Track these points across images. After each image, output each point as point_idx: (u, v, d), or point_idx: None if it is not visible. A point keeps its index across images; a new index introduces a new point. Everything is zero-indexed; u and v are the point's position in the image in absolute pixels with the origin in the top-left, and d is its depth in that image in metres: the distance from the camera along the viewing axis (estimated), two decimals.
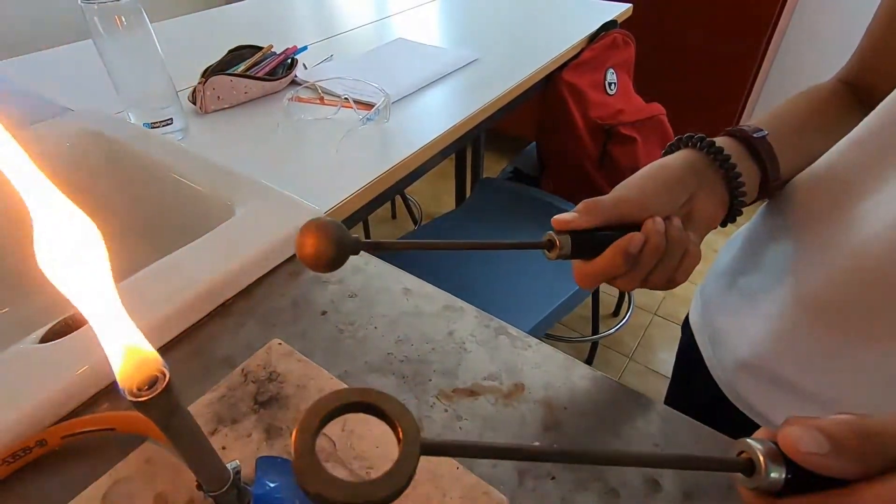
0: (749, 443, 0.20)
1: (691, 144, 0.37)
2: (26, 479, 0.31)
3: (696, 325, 0.51)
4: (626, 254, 0.32)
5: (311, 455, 0.15)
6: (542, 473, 0.32)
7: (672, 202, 0.35)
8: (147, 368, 0.18)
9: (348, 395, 0.17)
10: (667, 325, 1.58)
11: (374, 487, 0.15)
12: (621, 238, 0.32)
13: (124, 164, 0.59)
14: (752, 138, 0.37)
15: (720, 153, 0.36)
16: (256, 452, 0.32)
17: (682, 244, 0.33)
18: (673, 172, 0.35)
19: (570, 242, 0.32)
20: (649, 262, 0.33)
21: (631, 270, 0.33)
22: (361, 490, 0.15)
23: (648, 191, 0.35)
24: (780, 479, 0.19)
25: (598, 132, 1.22)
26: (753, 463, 0.19)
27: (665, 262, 0.33)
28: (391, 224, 2.00)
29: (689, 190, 0.35)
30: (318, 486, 0.14)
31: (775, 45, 1.75)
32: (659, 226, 0.32)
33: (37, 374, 0.34)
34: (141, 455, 0.31)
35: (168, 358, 0.38)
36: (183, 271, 0.42)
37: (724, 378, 0.46)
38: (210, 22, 1.16)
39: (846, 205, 0.35)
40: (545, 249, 0.32)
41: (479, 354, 0.39)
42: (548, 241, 0.32)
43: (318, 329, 0.41)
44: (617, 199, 0.34)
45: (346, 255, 0.27)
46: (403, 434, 0.16)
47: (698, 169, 0.36)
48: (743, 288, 0.44)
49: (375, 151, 0.69)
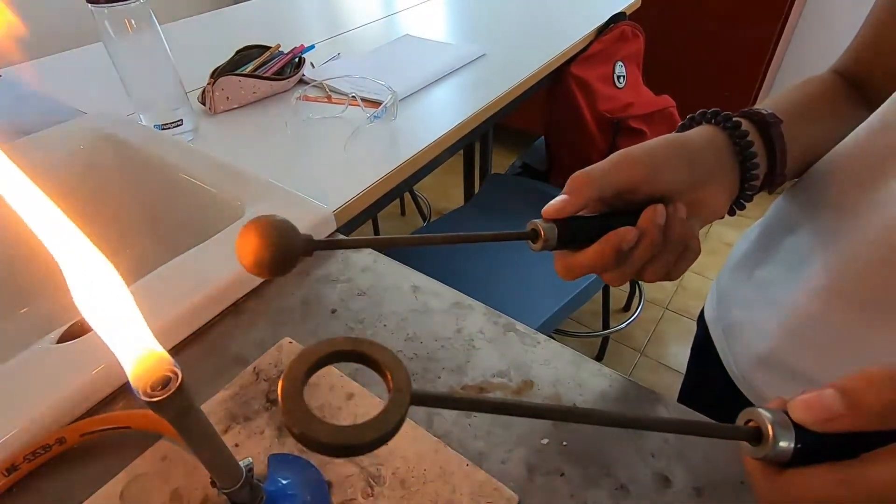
0: (757, 411, 0.19)
1: (715, 121, 0.33)
2: (46, 476, 0.32)
3: (711, 319, 0.51)
4: (617, 249, 0.28)
5: (299, 398, 0.15)
6: (552, 470, 0.32)
7: (687, 178, 0.30)
8: (159, 369, 0.19)
9: (340, 344, 0.16)
10: (678, 319, 1.57)
11: (361, 431, 0.15)
12: (613, 231, 0.28)
13: (136, 165, 0.60)
14: (770, 124, 0.33)
15: (744, 137, 0.32)
16: (269, 449, 0.32)
17: (682, 240, 0.30)
18: (694, 146, 0.31)
19: (556, 232, 0.28)
20: (642, 259, 0.29)
21: (621, 265, 0.30)
22: (347, 432, 0.15)
23: (663, 156, 0.30)
24: (789, 449, 0.18)
25: (607, 126, 1.21)
26: (761, 431, 0.19)
27: (661, 258, 0.30)
28: (400, 220, 2.01)
29: (707, 171, 0.31)
30: (303, 427, 0.14)
31: (788, 32, 1.72)
32: (659, 217, 0.28)
33: (55, 374, 0.35)
34: (156, 452, 0.32)
35: (181, 357, 0.39)
36: (195, 271, 0.42)
37: (739, 373, 0.45)
38: (218, 22, 1.17)
39: (869, 190, 0.33)
40: (529, 240, 0.29)
41: (488, 351, 0.39)
42: (531, 231, 0.29)
43: (328, 327, 0.41)
44: (619, 161, 0.29)
45: (294, 257, 0.23)
46: (394, 382, 0.16)
47: (718, 149, 0.32)
48: (759, 280, 0.44)
49: (384, 149, 0.70)
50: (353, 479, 0.31)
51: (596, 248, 0.29)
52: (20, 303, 0.58)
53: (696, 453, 0.32)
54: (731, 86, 1.76)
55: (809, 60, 1.82)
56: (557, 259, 0.31)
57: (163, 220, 0.62)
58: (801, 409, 0.18)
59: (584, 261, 0.29)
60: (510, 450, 0.33)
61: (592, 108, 1.20)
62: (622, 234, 0.28)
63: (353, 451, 0.15)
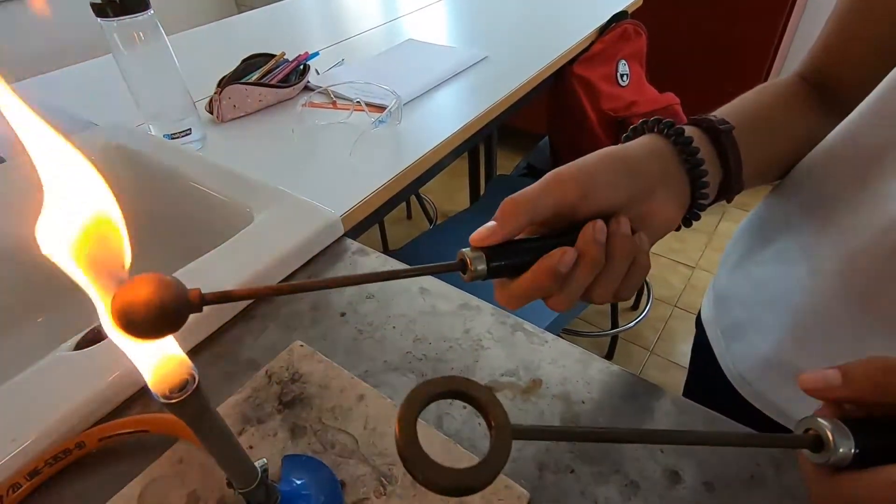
0: (816, 420, 0.21)
1: (657, 130, 0.32)
2: (67, 480, 0.33)
3: (708, 320, 0.50)
4: (553, 273, 0.26)
5: (416, 444, 0.16)
6: (562, 467, 0.32)
7: (627, 191, 0.29)
8: (178, 372, 0.19)
9: (440, 384, 0.18)
10: (688, 316, 1.56)
11: (477, 473, 0.16)
12: (549, 254, 0.26)
13: (147, 175, 0.61)
14: (720, 130, 0.32)
15: (688, 144, 0.31)
16: (282, 451, 0.33)
17: (628, 254, 0.28)
18: (633, 157, 0.30)
19: (485, 260, 0.26)
20: (585, 280, 0.27)
21: (563, 289, 0.28)
22: (465, 476, 0.16)
23: (597, 171, 0.28)
24: (849, 454, 0.20)
25: (611, 125, 1.21)
26: (821, 439, 0.20)
27: (606, 276, 0.28)
28: (406, 224, 2.02)
29: (650, 182, 0.29)
30: (426, 473, 0.16)
31: (791, 28, 1.71)
32: (599, 234, 0.27)
33: (73, 380, 0.35)
34: (174, 455, 0.32)
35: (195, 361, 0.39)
36: (206, 278, 0.43)
37: (738, 374, 0.45)
38: (223, 32, 1.18)
39: (870, 184, 0.33)
40: (459, 271, 0.26)
41: (496, 351, 0.40)
42: (460, 262, 0.26)
43: (338, 330, 0.42)
44: (549, 183, 0.27)
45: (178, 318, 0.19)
46: (495, 421, 0.17)
47: (662, 159, 0.31)
48: (758, 280, 0.43)
49: (389, 153, 0.70)
50: (365, 478, 0.31)
51: (532, 274, 0.27)
52: (36, 311, 0.59)
53: (705, 449, 0.33)
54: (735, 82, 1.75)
55: None
56: (497, 288, 0.29)
57: (173, 228, 0.63)
58: (806, 380, 0.21)
59: (520, 289, 0.27)
60: (520, 448, 0.33)
61: (596, 108, 1.20)
62: (559, 255, 0.26)
63: (472, 492, 0.16)
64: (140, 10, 0.61)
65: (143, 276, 0.18)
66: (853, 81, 0.35)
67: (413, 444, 0.16)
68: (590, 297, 0.29)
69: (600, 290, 0.28)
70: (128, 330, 0.17)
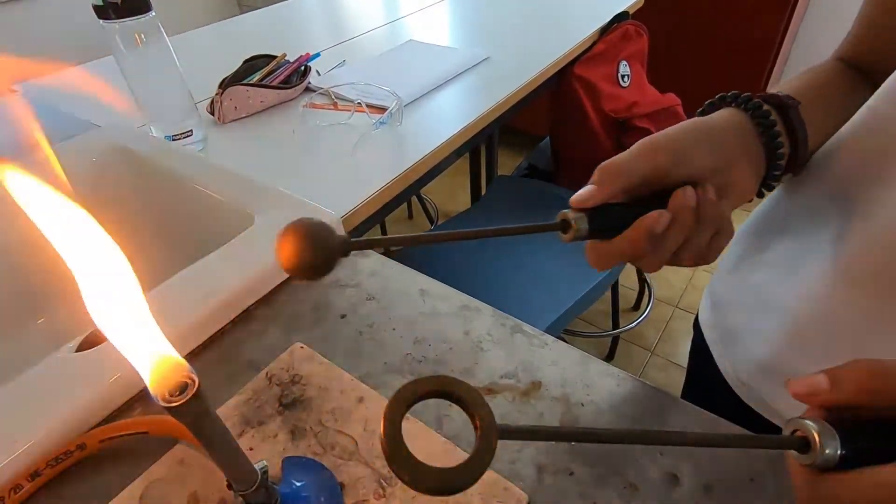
0: (803, 422, 0.21)
1: (736, 104, 0.33)
2: (68, 482, 0.33)
3: (705, 324, 0.50)
4: (649, 234, 0.28)
5: (401, 443, 0.16)
6: (561, 469, 0.32)
7: (712, 161, 0.30)
8: (177, 375, 0.19)
9: (427, 384, 0.18)
10: (689, 317, 1.56)
11: (462, 473, 0.16)
12: (645, 216, 0.28)
13: (148, 176, 0.61)
14: (789, 106, 0.33)
15: (766, 118, 0.32)
16: (282, 453, 0.33)
17: (714, 221, 0.29)
18: (717, 129, 0.31)
19: (587, 221, 0.28)
20: (676, 242, 0.29)
21: (655, 250, 0.29)
22: (450, 475, 0.16)
23: (686, 140, 0.30)
24: (836, 456, 0.20)
25: (612, 125, 1.21)
26: (808, 440, 0.20)
27: (694, 241, 0.30)
28: (408, 224, 2.02)
29: (732, 153, 0.31)
30: (409, 473, 0.16)
31: (793, 28, 1.71)
32: (689, 199, 0.28)
33: (74, 382, 0.36)
34: (174, 457, 0.33)
35: (195, 363, 0.40)
36: (207, 280, 0.43)
37: (737, 378, 0.45)
38: (224, 33, 1.18)
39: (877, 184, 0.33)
40: (559, 231, 0.28)
41: (496, 353, 0.40)
42: (561, 222, 0.28)
43: (338, 332, 0.42)
44: (643, 150, 0.29)
45: (334, 258, 0.24)
46: (481, 421, 0.17)
47: (742, 131, 0.32)
48: (755, 284, 0.43)
49: (390, 154, 0.70)
50: (364, 480, 0.31)
51: (628, 235, 0.28)
52: (37, 313, 0.59)
53: (704, 451, 0.33)
54: (737, 83, 1.75)
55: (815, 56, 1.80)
56: (589, 249, 0.31)
57: (174, 230, 0.63)
58: (795, 385, 0.22)
59: (617, 248, 0.29)
60: (519, 450, 0.33)
61: (597, 108, 1.20)
62: (654, 217, 0.28)
63: (457, 491, 0.16)
64: (142, 12, 0.61)
65: (301, 223, 0.23)
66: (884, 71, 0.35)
67: (398, 443, 0.16)
68: (678, 260, 0.31)
69: (688, 254, 0.30)
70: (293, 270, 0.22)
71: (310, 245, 0.23)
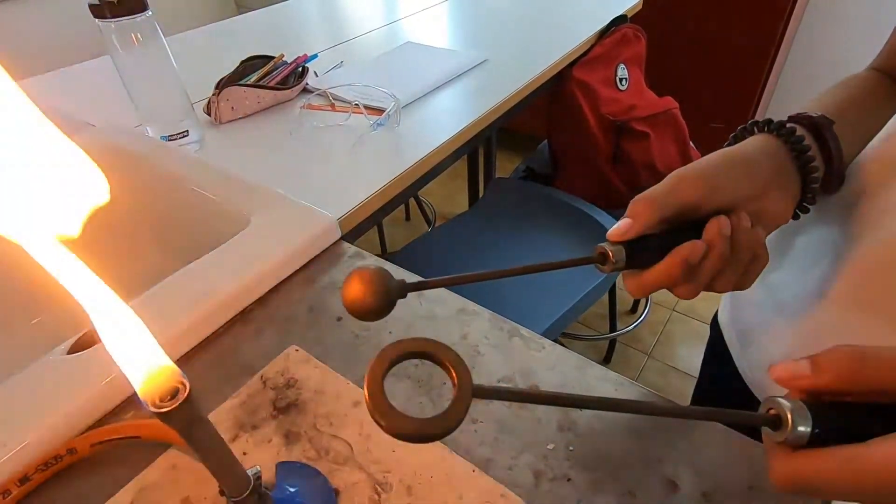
0: (777, 400, 0.21)
1: (767, 130, 0.34)
2: (58, 487, 0.32)
3: (724, 322, 0.50)
4: (685, 264, 0.29)
5: (382, 396, 0.18)
6: (559, 475, 0.32)
7: (746, 189, 0.30)
8: (167, 380, 0.19)
9: (410, 345, 0.19)
10: (686, 321, 1.56)
11: (437, 423, 0.17)
12: (681, 246, 0.29)
13: (144, 177, 0.61)
14: (823, 126, 0.33)
15: (800, 142, 0.32)
16: (276, 457, 0.33)
17: (750, 248, 0.30)
18: (750, 157, 0.32)
19: (624, 254, 0.29)
20: (712, 270, 0.30)
21: (691, 279, 0.30)
22: (426, 425, 0.17)
23: (719, 171, 0.30)
24: (806, 434, 0.20)
25: (611, 128, 1.21)
26: (781, 418, 0.21)
27: (730, 268, 0.30)
28: (405, 226, 2.01)
29: (765, 180, 0.31)
30: (389, 421, 0.17)
31: (791, 33, 1.71)
32: (724, 228, 0.29)
33: (66, 385, 0.35)
34: (166, 462, 0.32)
35: (189, 366, 0.39)
36: (202, 281, 0.43)
37: (753, 377, 0.45)
38: (222, 33, 1.18)
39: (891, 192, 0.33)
40: (598, 263, 0.30)
41: (493, 357, 0.39)
42: (600, 255, 0.30)
43: (334, 335, 0.42)
44: (676, 183, 0.30)
45: (392, 301, 0.26)
46: (458, 379, 0.18)
47: (774, 156, 0.32)
48: (771, 284, 0.43)
49: (387, 156, 0.70)
50: (360, 486, 0.31)
51: (665, 264, 0.29)
52: (31, 313, 0.58)
53: (703, 458, 0.32)
54: (734, 86, 1.75)
55: (812, 61, 1.81)
56: (627, 278, 0.32)
57: (170, 231, 0.63)
58: (777, 369, 0.22)
59: (654, 278, 0.30)
60: (516, 456, 0.33)
61: (595, 111, 1.20)
62: (690, 247, 0.28)
63: (431, 440, 0.18)
64: (138, 12, 0.60)
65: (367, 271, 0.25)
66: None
67: (380, 394, 0.17)
68: (713, 287, 0.31)
69: (724, 280, 0.31)
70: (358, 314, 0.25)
71: (371, 291, 0.25)
